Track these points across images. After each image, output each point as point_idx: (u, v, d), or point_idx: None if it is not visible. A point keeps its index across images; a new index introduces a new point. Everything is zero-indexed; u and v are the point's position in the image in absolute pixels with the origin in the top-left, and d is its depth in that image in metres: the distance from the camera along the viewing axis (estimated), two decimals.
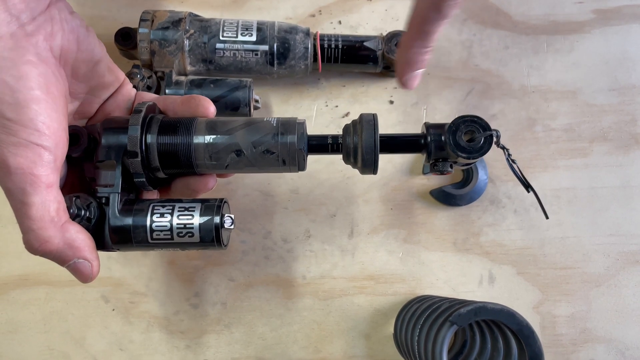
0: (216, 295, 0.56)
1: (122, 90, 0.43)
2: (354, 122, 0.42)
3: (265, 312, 0.56)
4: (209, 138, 0.40)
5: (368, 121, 0.41)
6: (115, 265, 0.56)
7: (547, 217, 0.47)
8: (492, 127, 0.58)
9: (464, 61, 0.60)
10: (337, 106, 0.59)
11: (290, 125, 0.41)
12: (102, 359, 0.55)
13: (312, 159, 0.57)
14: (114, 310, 0.55)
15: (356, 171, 0.58)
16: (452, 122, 0.41)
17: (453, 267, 0.56)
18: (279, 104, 0.59)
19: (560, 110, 0.59)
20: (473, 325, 0.47)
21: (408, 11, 0.38)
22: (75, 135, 0.39)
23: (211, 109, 0.43)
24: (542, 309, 0.56)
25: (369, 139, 0.40)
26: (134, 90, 0.45)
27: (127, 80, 0.44)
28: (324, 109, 0.59)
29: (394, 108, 0.59)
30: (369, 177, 0.58)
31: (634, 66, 0.60)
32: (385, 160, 0.58)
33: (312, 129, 0.58)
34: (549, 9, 0.61)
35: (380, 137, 0.41)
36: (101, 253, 0.56)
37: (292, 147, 0.40)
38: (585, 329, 0.56)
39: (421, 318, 0.44)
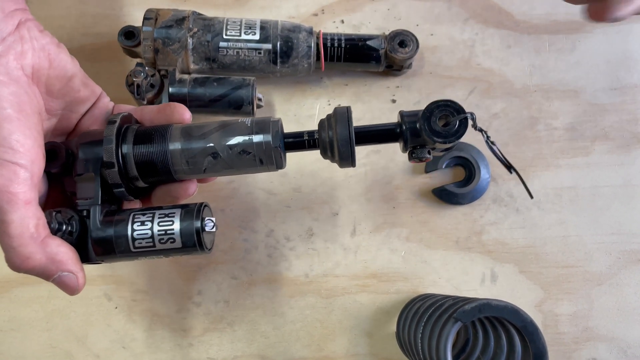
0: (219, 294, 0.56)
1: (99, 103, 0.44)
2: (328, 116, 0.42)
3: (267, 310, 0.56)
4: (184, 143, 0.40)
5: (342, 114, 0.41)
6: (118, 263, 0.55)
7: (531, 197, 0.48)
8: (494, 126, 0.59)
9: (466, 60, 0.60)
10: (339, 105, 0.59)
11: (264, 125, 0.41)
12: (104, 356, 0.55)
13: (314, 158, 0.58)
14: (116, 308, 0.55)
15: (359, 170, 0.58)
16: (426, 107, 0.41)
17: (455, 265, 0.57)
18: (282, 103, 0.59)
19: (562, 109, 0.59)
20: (476, 323, 0.47)
21: None
22: (52, 151, 0.39)
23: (186, 115, 0.43)
24: (544, 307, 0.56)
25: (344, 131, 0.40)
26: (112, 103, 0.45)
27: (104, 93, 0.45)
28: (327, 108, 0.59)
29: (396, 107, 0.59)
30: (371, 176, 0.58)
31: (635, 65, 0.60)
32: (388, 159, 0.58)
33: (315, 128, 0.58)
34: (550, 8, 0.61)
35: (355, 129, 0.41)
36: None
37: (267, 146, 0.40)
38: (587, 328, 0.56)
39: (424, 315, 0.44)
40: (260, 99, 0.56)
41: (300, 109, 0.59)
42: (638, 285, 0.56)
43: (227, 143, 0.40)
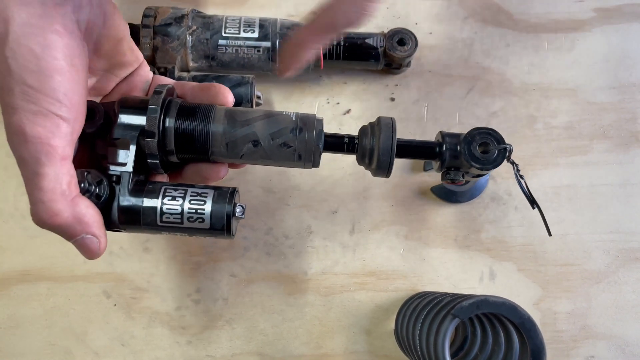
0: (218, 291, 0.56)
1: (140, 71, 0.43)
2: (371, 124, 0.43)
3: (266, 308, 0.56)
4: (227, 126, 0.40)
5: (387, 124, 0.41)
6: (117, 260, 0.56)
7: (550, 234, 0.46)
8: (493, 124, 0.59)
9: (465, 59, 0.60)
10: (338, 103, 0.59)
11: (309, 121, 0.41)
12: (103, 354, 0.55)
13: None
14: (115, 305, 0.55)
15: (358, 168, 0.58)
16: (468, 132, 0.42)
17: (454, 263, 0.57)
18: (281, 101, 0.59)
19: (560, 108, 0.60)
20: (474, 320, 0.47)
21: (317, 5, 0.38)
22: (91, 110, 0.38)
23: (230, 98, 0.42)
24: (543, 305, 0.56)
25: (387, 141, 0.40)
26: (151, 73, 0.44)
27: (145, 62, 0.44)
28: (326, 106, 0.59)
29: (394, 105, 0.59)
30: (370, 174, 0.58)
31: (634, 64, 0.60)
32: None
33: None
34: (549, 7, 0.62)
35: (397, 141, 0.41)
36: None
37: (309, 143, 0.40)
38: (586, 326, 0.56)
39: (423, 312, 0.45)
40: (259, 97, 0.56)
41: (300, 107, 0.59)
42: (636, 283, 0.56)
43: (270, 133, 0.40)
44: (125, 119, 0.39)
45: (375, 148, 0.41)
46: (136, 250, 0.56)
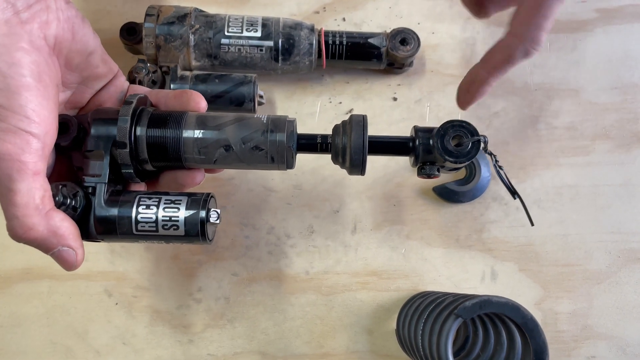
0: (219, 290, 0.56)
1: (115, 82, 0.44)
2: (343, 122, 0.43)
3: (268, 307, 0.56)
4: (198, 132, 0.40)
5: (357, 122, 0.41)
6: (119, 259, 0.56)
7: (532, 224, 0.47)
8: (495, 125, 0.59)
9: (467, 59, 0.60)
10: (340, 102, 0.59)
11: (280, 123, 0.41)
12: (105, 352, 0.55)
13: (315, 155, 0.57)
14: (117, 304, 0.55)
15: None
16: (441, 126, 0.42)
17: (455, 263, 0.57)
18: (283, 100, 0.59)
19: (562, 108, 0.60)
20: (476, 320, 0.47)
21: (490, 46, 0.45)
22: (64, 124, 0.39)
23: (202, 104, 0.43)
24: (544, 305, 0.56)
25: (358, 139, 0.41)
26: (127, 82, 0.45)
27: (121, 72, 0.45)
28: (328, 105, 0.59)
29: (397, 105, 0.59)
30: (372, 173, 0.58)
31: (636, 65, 0.60)
32: (388, 157, 0.58)
33: (316, 125, 0.59)
34: None
35: (369, 138, 0.41)
36: (105, 248, 0.56)
37: (281, 145, 0.41)
38: (587, 326, 0.56)
39: (425, 312, 0.45)
40: (261, 96, 0.56)
41: (302, 106, 0.59)
42: (637, 283, 0.56)
43: (241, 137, 0.40)
44: (97, 130, 0.40)
45: (347, 146, 0.41)
46: (138, 249, 0.56)
